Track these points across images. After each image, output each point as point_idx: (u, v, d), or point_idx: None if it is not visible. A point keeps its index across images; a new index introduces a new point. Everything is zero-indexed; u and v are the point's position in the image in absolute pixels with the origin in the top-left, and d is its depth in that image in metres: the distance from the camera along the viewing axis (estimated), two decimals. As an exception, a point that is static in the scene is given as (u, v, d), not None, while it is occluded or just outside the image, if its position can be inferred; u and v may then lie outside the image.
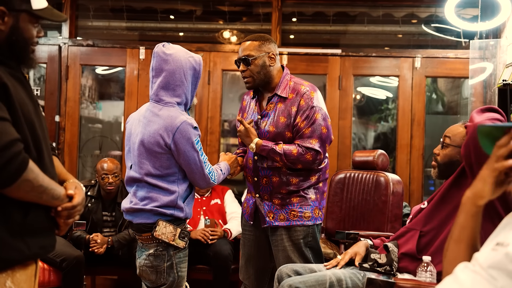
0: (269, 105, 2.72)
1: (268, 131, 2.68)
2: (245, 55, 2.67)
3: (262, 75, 2.68)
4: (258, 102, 2.79)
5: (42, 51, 4.70)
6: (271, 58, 2.69)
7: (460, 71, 4.58)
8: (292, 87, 2.69)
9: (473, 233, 1.27)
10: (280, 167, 2.66)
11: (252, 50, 2.67)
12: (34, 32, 1.65)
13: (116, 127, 5.65)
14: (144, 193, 2.37)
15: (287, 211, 2.69)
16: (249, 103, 2.85)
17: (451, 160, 2.33)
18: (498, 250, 1.14)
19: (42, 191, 1.54)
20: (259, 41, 2.68)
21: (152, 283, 2.41)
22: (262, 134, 2.70)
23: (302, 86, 2.68)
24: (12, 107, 1.51)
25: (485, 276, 1.12)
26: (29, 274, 1.62)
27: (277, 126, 2.65)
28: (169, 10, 5.28)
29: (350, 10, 5.12)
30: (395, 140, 4.69)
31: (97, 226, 3.84)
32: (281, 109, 2.67)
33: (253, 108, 2.81)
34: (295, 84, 2.70)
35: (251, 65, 2.66)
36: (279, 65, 2.75)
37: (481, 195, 1.25)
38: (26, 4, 1.60)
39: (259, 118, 2.73)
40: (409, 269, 2.19)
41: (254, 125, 2.74)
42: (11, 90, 1.51)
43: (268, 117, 2.70)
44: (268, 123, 2.69)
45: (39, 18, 1.65)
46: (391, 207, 3.36)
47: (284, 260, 2.65)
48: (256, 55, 2.66)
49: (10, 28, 1.59)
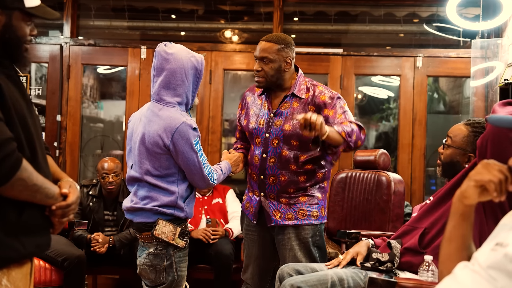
0: (284, 104, 2.70)
1: (282, 130, 2.64)
2: (263, 56, 2.64)
3: (275, 78, 2.67)
4: (268, 100, 2.76)
5: (44, 50, 4.71)
6: (287, 63, 2.66)
7: (461, 71, 4.57)
8: (308, 87, 2.69)
9: (463, 233, 1.26)
10: (289, 166, 2.64)
11: (271, 53, 2.62)
12: (27, 30, 1.64)
13: (117, 126, 5.65)
14: (145, 193, 2.37)
15: (296, 210, 2.67)
16: (255, 100, 2.82)
17: (452, 160, 2.35)
18: (498, 251, 1.13)
19: (36, 190, 1.54)
20: (280, 45, 2.63)
21: (151, 282, 2.41)
22: (275, 132, 2.66)
23: (319, 87, 2.70)
24: (5, 106, 1.50)
25: (485, 276, 1.12)
26: (24, 273, 1.62)
27: (293, 126, 2.62)
28: (171, 9, 5.29)
29: (352, 9, 5.11)
30: (396, 139, 4.69)
31: (98, 225, 3.85)
32: (297, 109, 2.65)
33: (261, 105, 2.77)
34: (311, 85, 2.70)
35: (266, 67, 2.64)
36: (293, 68, 2.73)
37: (466, 196, 1.25)
38: (18, 2, 1.59)
39: (271, 116, 2.71)
40: (412, 264, 2.18)
41: (266, 123, 2.70)
42: (4, 89, 1.51)
43: (282, 116, 2.68)
44: (283, 121, 2.66)
45: (32, 16, 1.64)
46: (393, 207, 3.35)
47: (291, 259, 2.64)
48: (274, 59, 2.63)
49: (2, 26, 1.58)
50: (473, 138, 2.36)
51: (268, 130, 2.69)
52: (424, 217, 2.25)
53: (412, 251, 2.20)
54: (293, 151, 2.64)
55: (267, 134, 2.69)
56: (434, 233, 2.18)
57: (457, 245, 1.26)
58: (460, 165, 2.34)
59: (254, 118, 2.76)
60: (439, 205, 2.23)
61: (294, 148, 2.64)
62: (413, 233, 2.24)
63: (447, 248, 1.28)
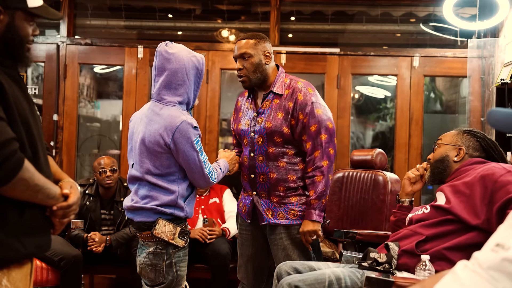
0: (265, 102, 2.73)
1: (264, 128, 2.68)
2: (241, 53, 2.70)
3: (258, 73, 2.70)
4: (253, 101, 2.81)
5: (40, 49, 4.69)
6: (266, 56, 2.71)
7: (458, 70, 4.58)
8: (288, 84, 2.72)
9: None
10: (277, 163, 2.68)
11: (248, 48, 2.69)
12: (30, 30, 1.64)
13: (114, 126, 5.64)
14: (145, 192, 2.37)
15: (287, 210, 2.69)
16: (244, 103, 2.87)
17: (442, 156, 2.38)
18: (498, 252, 1.12)
19: (37, 190, 1.54)
20: (255, 40, 2.71)
21: (151, 281, 2.41)
22: (259, 131, 2.70)
23: (298, 82, 2.71)
24: (7, 106, 1.50)
25: (485, 277, 1.11)
26: (24, 273, 1.62)
27: (274, 122, 2.66)
28: (168, 9, 5.28)
29: (349, 9, 5.12)
30: (393, 139, 4.70)
31: (95, 224, 3.84)
32: (277, 105, 2.69)
33: (247, 107, 2.82)
34: (291, 81, 2.73)
35: (247, 63, 2.68)
36: (274, 64, 2.78)
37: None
38: (21, 2, 1.59)
39: (255, 116, 2.74)
40: (409, 266, 2.19)
41: (250, 123, 2.75)
42: (7, 89, 1.51)
43: (264, 114, 2.71)
44: (264, 119, 2.69)
45: (34, 16, 1.64)
46: (390, 206, 3.36)
47: (283, 259, 2.65)
48: (253, 53, 2.68)
49: (5, 26, 1.58)
50: (463, 134, 2.39)
51: (253, 129, 2.73)
52: (427, 226, 2.24)
53: (409, 253, 2.20)
54: (279, 148, 2.68)
55: (252, 133, 2.73)
56: (434, 241, 2.18)
57: None
58: (449, 159, 2.35)
59: (243, 120, 2.81)
60: (444, 212, 2.21)
61: (278, 144, 2.68)
62: (413, 239, 2.24)
63: None
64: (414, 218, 2.33)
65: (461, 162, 2.34)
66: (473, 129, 2.44)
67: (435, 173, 2.41)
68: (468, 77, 4.37)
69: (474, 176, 2.15)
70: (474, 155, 2.35)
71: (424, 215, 2.28)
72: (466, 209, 2.11)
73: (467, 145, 2.36)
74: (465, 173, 2.26)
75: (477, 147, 2.36)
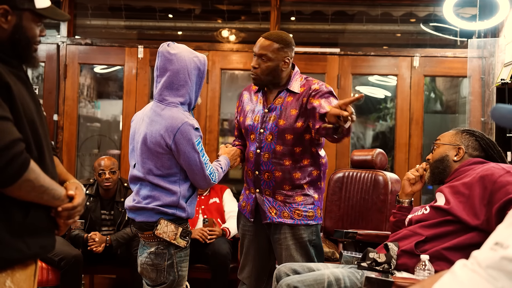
0: (277, 99, 2.69)
1: (277, 126, 2.64)
2: (261, 54, 2.62)
3: (271, 77, 2.65)
4: (264, 96, 2.75)
5: (40, 49, 4.69)
6: (285, 62, 2.64)
7: (458, 70, 4.58)
8: (304, 83, 2.68)
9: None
10: (283, 161, 2.65)
11: (270, 52, 2.60)
12: (37, 31, 1.65)
13: (114, 126, 5.65)
14: (147, 192, 2.37)
15: (291, 210, 2.67)
16: (251, 97, 2.82)
17: (442, 156, 2.38)
18: (497, 251, 1.12)
19: (43, 191, 1.54)
20: (280, 44, 2.61)
21: (152, 281, 2.41)
22: (269, 128, 2.66)
23: (314, 81, 2.67)
24: (14, 107, 1.50)
25: (484, 276, 1.11)
26: (28, 274, 1.62)
27: (287, 119, 2.62)
28: (168, 9, 5.28)
29: (349, 9, 5.12)
30: (393, 139, 4.69)
31: (95, 224, 3.84)
32: (291, 103, 2.64)
33: (256, 102, 2.77)
34: (306, 80, 2.69)
35: (263, 65, 2.62)
36: (290, 67, 2.70)
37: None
38: (29, 3, 1.59)
39: (265, 112, 2.70)
40: (408, 266, 2.19)
41: (260, 119, 2.70)
42: (13, 89, 1.51)
43: (276, 110, 2.67)
44: (276, 116, 2.65)
45: (42, 17, 1.64)
46: (390, 206, 3.35)
47: (287, 258, 2.64)
48: (272, 58, 2.61)
49: (13, 26, 1.58)
50: (461, 134, 2.39)
51: (262, 126, 2.69)
52: (426, 227, 2.24)
53: (409, 253, 2.20)
54: (287, 146, 2.64)
55: (261, 129, 2.69)
56: (434, 241, 2.18)
57: None
58: (449, 159, 2.35)
59: (250, 114, 2.76)
60: (444, 213, 2.21)
61: (288, 143, 2.64)
62: (412, 239, 2.24)
63: None
64: (414, 218, 2.33)
65: (460, 162, 2.34)
66: (471, 128, 2.44)
67: (435, 173, 2.41)
68: (468, 77, 4.37)
69: (473, 177, 2.15)
70: (474, 154, 2.35)
71: (424, 216, 2.28)
72: (466, 210, 2.11)
73: (466, 144, 2.36)
74: (464, 173, 2.26)
75: (476, 146, 2.36)
